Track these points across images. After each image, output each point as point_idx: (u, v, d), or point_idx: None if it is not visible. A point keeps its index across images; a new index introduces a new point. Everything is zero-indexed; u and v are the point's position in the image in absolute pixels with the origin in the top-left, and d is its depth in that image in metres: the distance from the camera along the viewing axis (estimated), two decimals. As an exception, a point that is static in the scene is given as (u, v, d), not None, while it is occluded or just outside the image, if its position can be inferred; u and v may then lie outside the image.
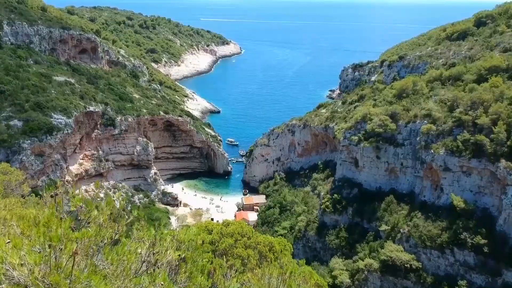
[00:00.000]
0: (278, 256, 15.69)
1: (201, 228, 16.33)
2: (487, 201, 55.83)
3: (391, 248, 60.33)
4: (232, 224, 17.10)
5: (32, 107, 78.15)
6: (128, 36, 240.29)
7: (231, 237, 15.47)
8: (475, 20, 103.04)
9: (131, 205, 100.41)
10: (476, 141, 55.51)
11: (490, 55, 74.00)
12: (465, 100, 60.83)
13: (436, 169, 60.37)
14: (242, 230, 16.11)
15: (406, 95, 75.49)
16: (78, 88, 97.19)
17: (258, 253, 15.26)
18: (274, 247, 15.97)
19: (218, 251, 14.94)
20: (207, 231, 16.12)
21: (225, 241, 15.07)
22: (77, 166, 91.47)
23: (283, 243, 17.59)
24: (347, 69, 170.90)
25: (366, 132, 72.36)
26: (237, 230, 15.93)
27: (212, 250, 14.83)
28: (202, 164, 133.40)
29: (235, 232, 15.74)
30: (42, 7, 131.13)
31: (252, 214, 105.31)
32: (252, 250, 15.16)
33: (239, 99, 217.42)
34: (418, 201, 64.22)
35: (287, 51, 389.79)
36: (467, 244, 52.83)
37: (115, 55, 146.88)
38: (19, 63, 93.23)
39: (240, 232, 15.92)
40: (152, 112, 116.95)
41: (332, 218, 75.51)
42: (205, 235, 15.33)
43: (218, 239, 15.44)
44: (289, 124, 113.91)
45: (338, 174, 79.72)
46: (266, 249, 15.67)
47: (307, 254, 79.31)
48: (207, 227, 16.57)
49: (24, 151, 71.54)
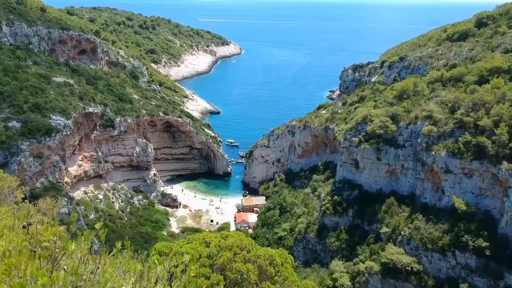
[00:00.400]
0: (279, 269, 15.23)
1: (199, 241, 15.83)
2: (488, 204, 55.41)
3: (392, 250, 59.90)
4: (231, 236, 16.58)
5: (31, 108, 77.67)
6: (127, 37, 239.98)
7: (229, 251, 14.95)
8: (475, 20, 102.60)
9: (130, 206, 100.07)
10: (477, 143, 55.10)
11: (491, 56, 73.57)
12: (466, 102, 60.41)
13: (437, 171, 59.95)
14: (241, 243, 15.58)
15: (407, 96, 75.05)
16: (77, 89, 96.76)
17: (258, 267, 14.78)
18: (275, 261, 15.45)
19: (216, 265, 14.44)
20: (204, 243, 15.61)
21: (223, 255, 14.55)
22: (76, 168, 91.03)
23: (284, 255, 17.06)
24: (347, 70, 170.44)
25: (367, 134, 71.94)
26: (236, 243, 15.40)
27: (210, 264, 14.36)
28: (201, 165, 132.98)
29: (234, 245, 15.21)
30: (41, 8, 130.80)
31: (252, 216, 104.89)
32: (252, 264, 14.65)
33: (239, 99, 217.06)
34: (419, 203, 63.79)
35: (287, 51, 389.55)
36: (469, 247, 52.40)
37: (114, 55, 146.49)
38: (18, 64, 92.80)
39: (239, 245, 15.39)
40: (151, 113, 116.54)
41: (332, 220, 75.08)
42: (203, 249, 14.84)
43: (216, 253, 14.91)
44: (289, 125, 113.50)
45: (338, 176, 79.29)
46: (267, 263, 15.16)
47: (307, 256, 78.90)
48: (204, 240, 16.05)
49: (23, 153, 71.06)
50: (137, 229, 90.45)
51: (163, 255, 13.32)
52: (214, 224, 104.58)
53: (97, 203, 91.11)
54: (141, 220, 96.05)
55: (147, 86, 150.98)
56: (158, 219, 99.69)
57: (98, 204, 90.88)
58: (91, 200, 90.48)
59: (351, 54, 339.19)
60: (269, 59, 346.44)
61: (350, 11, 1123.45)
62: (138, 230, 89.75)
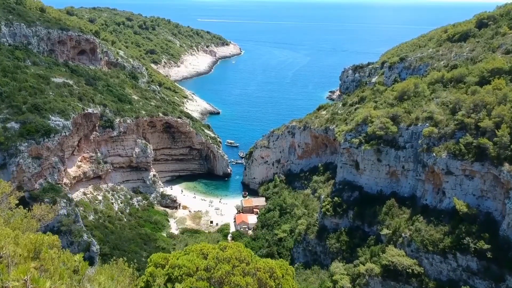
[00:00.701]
0: (280, 282, 14.76)
1: (196, 252, 15.35)
2: (490, 205, 55.05)
3: (392, 252, 59.56)
4: (229, 247, 16.06)
5: (30, 109, 77.23)
6: (127, 37, 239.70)
7: (228, 263, 14.47)
8: (476, 21, 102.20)
9: (130, 207, 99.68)
10: (479, 144, 54.72)
11: (492, 57, 73.17)
12: (467, 103, 60.02)
13: (438, 173, 59.58)
14: (240, 254, 15.08)
15: (408, 97, 74.68)
16: (76, 89, 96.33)
17: (257, 280, 14.31)
18: (275, 273, 14.95)
19: (214, 278, 13.99)
20: (202, 255, 15.13)
21: (221, 267, 14.07)
22: (75, 169, 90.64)
23: (285, 267, 16.55)
24: (347, 70, 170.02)
25: (367, 135, 71.60)
26: (234, 254, 14.89)
27: (207, 277, 13.91)
28: (201, 166, 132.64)
29: (233, 257, 14.71)
30: (40, 8, 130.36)
31: (252, 217, 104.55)
32: (251, 277, 14.18)
33: (238, 100, 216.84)
34: (420, 205, 63.42)
35: (287, 52, 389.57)
36: (470, 249, 52.04)
37: (114, 56, 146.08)
38: (16, 64, 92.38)
39: (238, 257, 14.90)
40: (151, 113, 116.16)
41: (332, 221, 74.76)
42: (200, 261, 14.38)
43: (214, 265, 14.43)
44: (289, 125, 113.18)
45: (338, 177, 78.94)
46: (267, 276, 14.69)
47: (307, 257, 78.59)
48: (202, 251, 15.55)
49: (21, 154, 70.65)
50: (136, 230, 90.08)
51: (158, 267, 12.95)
52: (214, 225, 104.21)
53: (96, 204, 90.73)
54: (141, 221, 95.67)
55: (147, 87, 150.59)
56: (157, 220, 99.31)
57: (97, 205, 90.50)
58: (90, 201, 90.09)
59: (351, 55, 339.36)
60: (269, 60, 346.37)
61: (350, 11, 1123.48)
62: (137, 231, 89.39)
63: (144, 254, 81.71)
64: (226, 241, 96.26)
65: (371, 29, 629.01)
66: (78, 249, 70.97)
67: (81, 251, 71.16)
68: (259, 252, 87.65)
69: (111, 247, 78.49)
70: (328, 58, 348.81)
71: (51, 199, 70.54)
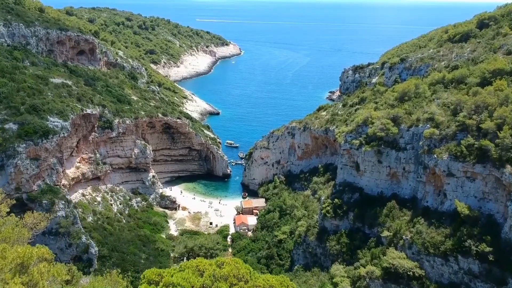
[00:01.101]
0: (281, 300, 14.29)
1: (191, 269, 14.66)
2: (492, 208, 54.50)
3: (393, 255, 59.00)
4: (226, 264, 15.29)
5: (28, 110, 76.70)
6: (127, 37, 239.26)
7: (225, 281, 13.75)
8: (477, 21, 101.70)
9: (129, 208, 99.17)
10: (480, 146, 54.15)
11: (494, 57, 72.57)
12: (469, 104, 59.46)
13: (439, 174, 59.04)
14: (238, 272, 14.39)
15: (408, 98, 74.13)
16: (75, 90, 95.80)
17: (257, 300, 13.76)
18: (275, 291, 14.44)
19: (211, 298, 13.40)
20: (198, 272, 14.44)
21: (218, 286, 13.43)
22: (74, 170, 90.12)
23: (286, 283, 15.92)
24: (348, 71, 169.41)
25: (368, 136, 71.07)
26: (232, 272, 14.17)
27: (203, 297, 13.31)
28: (201, 166, 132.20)
29: (230, 274, 14.02)
30: (39, 8, 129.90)
31: (252, 218, 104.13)
32: (251, 297, 13.67)
33: (238, 100, 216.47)
34: (421, 207, 62.86)
35: (286, 52, 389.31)
36: (472, 252, 51.47)
37: (113, 56, 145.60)
38: (15, 64, 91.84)
39: (236, 275, 14.19)
40: (150, 114, 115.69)
41: (332, 223, 74.25)
42: (196, 278, 13.72)
43: (210, 284, 13.73)
44: (289, 126, 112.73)
45: (339, 178, 78.42)
46: (267, 294, 14.18)
47: (307, 259, 78.10)
48: (198, 267, 14.85)
49: (19, 155, 70.12)
50: (135, 231, 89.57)
51: (152, 284, 12.35)
52: (214, 226, 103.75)
53: (95, 205, 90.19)
54: (140, 223, 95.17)
55: (146, 87, 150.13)
56: (156, 221, 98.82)
57: (96, 206, 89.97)
58: (89, 203, 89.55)
59: (351, 55, 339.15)
60: (269, 60, 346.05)
61: (350, 11, 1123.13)
62: (136, 233, 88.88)
63: (143, 256, 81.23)
64: (225, 242, 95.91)
65: (371, 29, 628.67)
66: (76, 251, 70.49)
67: (79, 253, 70.72)
68: (258, 253, 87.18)
69: (110, 248, 77.94)
70: (328, 58, 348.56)
71: (49, 200, 70.05)
